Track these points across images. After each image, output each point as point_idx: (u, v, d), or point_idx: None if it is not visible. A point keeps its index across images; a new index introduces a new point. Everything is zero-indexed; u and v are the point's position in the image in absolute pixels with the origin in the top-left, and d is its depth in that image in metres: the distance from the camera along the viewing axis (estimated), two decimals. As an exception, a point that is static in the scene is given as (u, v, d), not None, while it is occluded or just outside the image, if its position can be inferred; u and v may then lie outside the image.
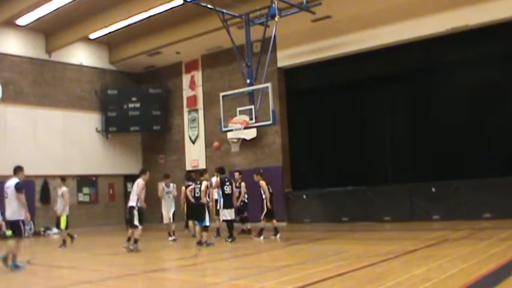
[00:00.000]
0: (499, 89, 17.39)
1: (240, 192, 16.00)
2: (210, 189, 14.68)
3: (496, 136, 17.56)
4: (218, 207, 15.12)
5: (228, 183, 14.87)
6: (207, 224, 13.70)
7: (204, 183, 14.01)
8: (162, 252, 13.76)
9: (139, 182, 13.56)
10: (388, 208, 18.35)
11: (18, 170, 11.19)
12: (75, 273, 10.65)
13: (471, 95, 17.72)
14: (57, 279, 7.35)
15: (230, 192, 14.86)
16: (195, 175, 16.03)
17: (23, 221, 10.90)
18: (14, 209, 10.83)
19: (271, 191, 14.90)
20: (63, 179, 16.35)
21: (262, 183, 14.80)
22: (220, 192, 14.78)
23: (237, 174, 16.67)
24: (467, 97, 17.75)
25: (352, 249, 11.73)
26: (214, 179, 15.38)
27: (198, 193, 14.02)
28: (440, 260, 8.82)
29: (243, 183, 16.22)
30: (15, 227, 10.90)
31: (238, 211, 15.93)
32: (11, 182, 10.93)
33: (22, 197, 10.85)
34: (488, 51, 17.30)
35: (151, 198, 18.26)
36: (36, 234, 21.25)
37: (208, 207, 13.98)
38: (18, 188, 10.81)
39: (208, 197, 14.31)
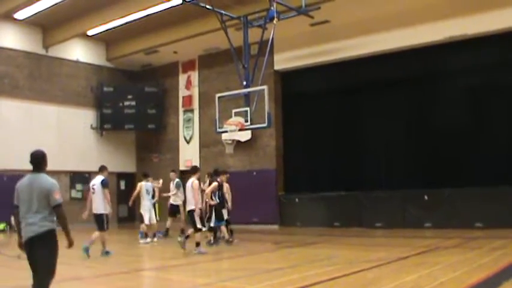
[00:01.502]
0: (494, 99, 17.47)
1: (222, 195, 14.92)
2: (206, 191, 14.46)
3: (490, 145, 17.58)
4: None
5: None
6: (212, 224, 13.83)
7: (214, 184, 13.91)
8: (155, 251, 13.73)
9: (194, 182, 12.63)
10: (381, 214, 18.36)
11: (103, 168, 12.61)
12: (67, 269, 10.57)
13: (467, 103, 17.80)
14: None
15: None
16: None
17: (106, 215, 12.14)
18: (99, 204, 12.05)
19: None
20: None
21: (227, 185, 15.24)
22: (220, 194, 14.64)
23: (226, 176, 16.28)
24: (463, 105, 17.80)
25: (343, 254, 11.75)
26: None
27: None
28: (431, 268, 8.85)
29: (226, 185, 15.30)
30: (99, 220, 12.04)
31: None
32: (97, 179, 12.20)
33: (107, 192, 12.17)
34: (485, 60, 17.36)
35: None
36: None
37: (216, 209, 13.94)
38: (104, 184, 12.13)
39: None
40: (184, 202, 14.94)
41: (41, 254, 5.64)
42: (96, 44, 24.77)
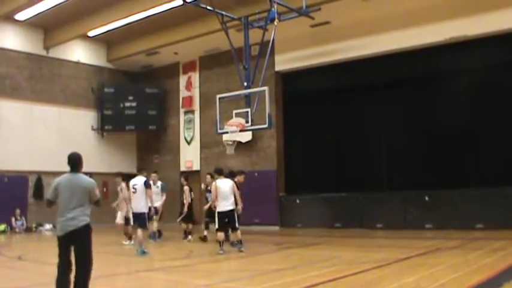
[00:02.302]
0: (495, 100, 17.48)
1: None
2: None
3: (491, 146, 17.59)
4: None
5: None
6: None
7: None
8: (155, 252, 13.72)
9: (233, 182, 12.94)
10: (381, 215, 18.36)
11: (142, 169, 13.48)
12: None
13: (467, 104, 17.78)
14: (48, 275, 7.31)
15: None
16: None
17: (148, 214, 12.82)
18: (141, 203, 12.61)
19: (193, 196, 16.03)
20: None
21: (186, 188, 15.82)
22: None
23: (208, 178, 15.33)
24: (464, 106, 17.79)
25: (344, 255, 11.73)
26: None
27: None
28: (432, 269, 8.84)
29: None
30: (141, 218, 12.60)
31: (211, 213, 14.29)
32: (139, 180, 12.75)
33: (150, 191, 12.85)
34: (486, 61, 17.36)
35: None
36: (28, 230, 21.18)
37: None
38: (146, 185, 12.74)
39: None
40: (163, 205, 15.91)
41: (82, 245, 6.44)
42: (97, 45, 24.81)
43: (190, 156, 24.37)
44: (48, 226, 21.88)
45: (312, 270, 9.40)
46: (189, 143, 24.54)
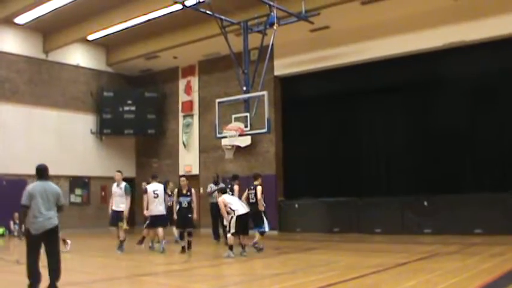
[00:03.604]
0: (493, 105, 17.51)
1: (189, 202, 13.44)
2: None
3: (490, 151, 17.62)
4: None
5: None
6: (266, 229, 13.66)
7: (259, 188, 13.66)
8: (153, 256, 13.71)
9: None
10: (380, 220, 18.34)
11: (157, 176, 15.00)
12: (65, 274, 10.56)
13: (466, 109, 17.81)
14: (46, 280, 7.34)
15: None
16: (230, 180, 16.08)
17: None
18: (162, 207, 14.08)
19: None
20: None
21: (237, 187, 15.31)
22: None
23: (183, 180, 13.98)
24: (462, 111, 17.82)
25: (342, 260, 11.72)
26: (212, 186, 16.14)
27: (253, 198, 13.71)
28: (431, 274, 8.83)
29: (193, 190, 13.81)
30: (164, 219, 14.08)
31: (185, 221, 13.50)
32: (159, 186, 14.19)
33: (167, 196, 14.57)
34: (484, 67, 17.39)
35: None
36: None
37: (265, 213, 13.76)
38: (165, 190, 14.55)
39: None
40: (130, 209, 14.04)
41: (55, 242, 7.65)
42: (96, 49, 24.83)
43: (189, 161, 24.36)
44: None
45: (310, 274, 9.40)
46: (186, 146, 24.49)
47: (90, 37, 22.39)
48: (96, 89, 24.85)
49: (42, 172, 7.86)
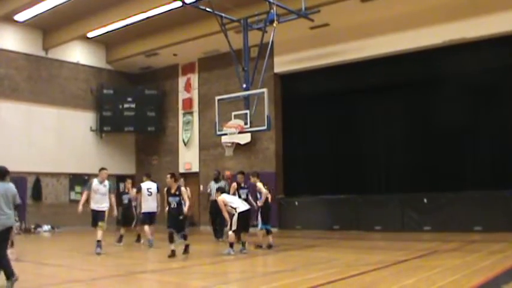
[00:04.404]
0: (493, 102, 17.52)
1: (178, 202, 12.29)
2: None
3: (490, 149, 17.63)
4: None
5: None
6: (259, 227, 13.83)
7: (259, 184, 13.94)
8: (152, 254, 13.72)
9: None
10: (380, 218, 18.35)
11: (150, 174, 15.96)
12: (65, 271, 10.63)
13: (466, 107, 17.78)
14: (47, 277, 7.35)
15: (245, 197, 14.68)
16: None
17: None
18: (154, 204, 14.81)
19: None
20: None
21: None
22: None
23: (168, 177, 12.58)
24: (463, 109, 17.77)
25: (342, 257, 11.73)
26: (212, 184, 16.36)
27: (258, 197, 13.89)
28: (430, 271, 8.84)
29: (183, 189, 12.66)
30: (154, 217, 14.84)
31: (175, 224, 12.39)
32: (152, 184, 14.96)
33: (159, 195, 14.95)
34: (484, 64, 17.37)
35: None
36: (27, 231, 21.13)
37: (262, 211, 13.89)
38: (159, 189, 15.00)
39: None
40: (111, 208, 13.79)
41: (8, 238, 8.36)
42: (96, 46, 24.80)
43: (189, 158, 24.35)
44: (46, 227, 21.86)
45: (310, 272, 9.40)
46: (186, 144, 24.48)
47: (90, 34, 22.37)
48: (96, 86, 24.82)
49: (3, 174, 8.52)
